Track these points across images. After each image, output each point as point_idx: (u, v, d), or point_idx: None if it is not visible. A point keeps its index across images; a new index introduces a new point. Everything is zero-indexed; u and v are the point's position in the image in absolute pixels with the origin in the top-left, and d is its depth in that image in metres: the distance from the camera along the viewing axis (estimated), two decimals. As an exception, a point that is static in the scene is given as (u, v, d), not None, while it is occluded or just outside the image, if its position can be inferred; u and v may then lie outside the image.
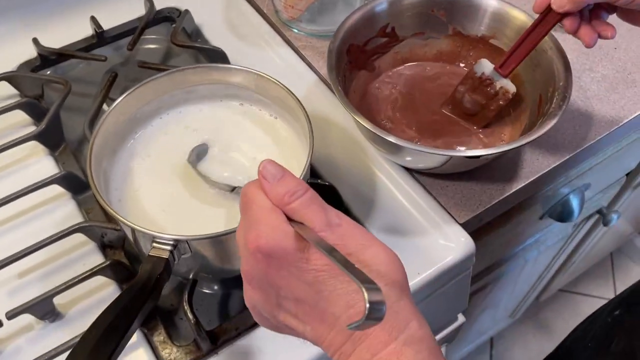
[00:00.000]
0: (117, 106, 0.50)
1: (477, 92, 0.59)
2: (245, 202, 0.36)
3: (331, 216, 0.35)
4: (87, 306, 0.53)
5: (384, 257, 0.34)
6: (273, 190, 0.35)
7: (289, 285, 0.34)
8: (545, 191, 0.73)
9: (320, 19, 0.72)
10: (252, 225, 0.35)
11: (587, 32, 0.51)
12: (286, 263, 0.34)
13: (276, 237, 0.33)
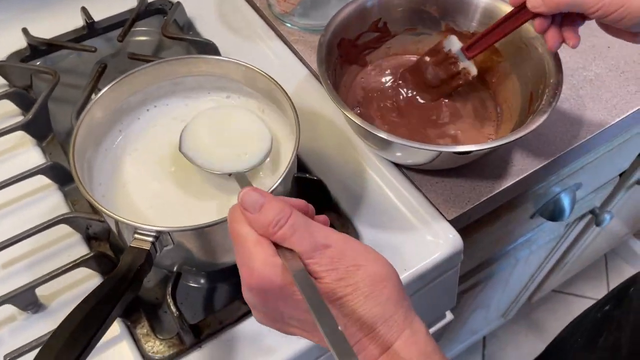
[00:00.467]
0: (101, 97, 0.49)
1: (440, 66, 0.60)
2: (232, 235, 0.37)
3: (318, 238, 0.34)
4: (71, 298, 0.52)
5: (377, 274, 0.34)
6: (256, 221, 0.35)
7: (290, 311, 0.35)
8: (535, 190, 0.72)
9: (313, 13, 0.71)
10: (243, 261, 0.35)
11: (553, 35, 0.51)
12: (281, 296, 0.34)
13: (266, 274, 0.34)
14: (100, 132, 0.51)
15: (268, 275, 0.34)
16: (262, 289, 0.34)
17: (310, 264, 0.34)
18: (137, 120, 0.54)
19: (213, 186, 0.50)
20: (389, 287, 0.34)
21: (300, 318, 0.35)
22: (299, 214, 0.35)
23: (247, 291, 0.36)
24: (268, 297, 0.35)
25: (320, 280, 0.34)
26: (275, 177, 0.51)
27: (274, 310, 0.36)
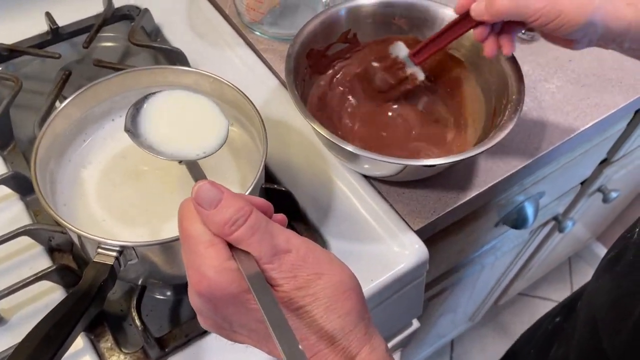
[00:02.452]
0: (64, 108, 0.48)
1: (388, 72, 0.61)
2: (182, 235, 0.33)
3: (279, 242, 0.32)
4: (32, 311, 0.51)
5: (339, 284, 0.32)
6: (211, 219, 0.31)
7: (239, 319, 0.33)
8: (500, 199, 0.74)
9: (282, 22, 0.72)
10: (192, 264, 0.32)
11: (491, 44, 0.53)
12: (233, 304, 0.32)
13: (218, 281, 0.31)
14: (64, 143, 0.51)
15: (220, 282, 0.31)
16: (213, 296, 0.31)
17: (269, 269, 0.31)
18: (102, 129, 0.53)
19: (175, 196, 0.50)
20: (351, 298, 0.32)
21: (252, 327, 0.33)
22: (259, 214, 0.32)
23: (194, 296, 0.33)
24: (218, 304, 0.32)
25: (278, 288, 0.31)
26: (243, 188, 0.51)
27: (223, 318, 0.33)
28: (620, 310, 0.47)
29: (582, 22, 0.47)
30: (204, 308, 0.33)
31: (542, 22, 0.48)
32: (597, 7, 0.46)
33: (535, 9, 0.47)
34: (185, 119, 0.46)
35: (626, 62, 0.73)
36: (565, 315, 0.64)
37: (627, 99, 0.70)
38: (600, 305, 0.51)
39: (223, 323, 0.34)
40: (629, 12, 0.47)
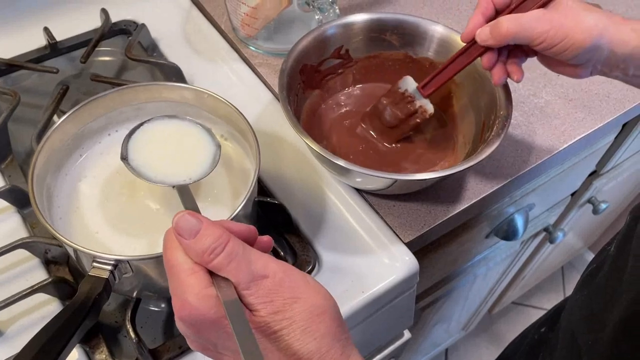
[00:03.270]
0: (61, 124, 0.50)
1: (397, 106, 0.62)
2: (166, 263, 0.35)
3: (257, 268, 0.33)
4: (28, 323, 0.52)
5: (312, 309, 0.33)
6: (191, 248, 0.33)
7: (223, 343, 0.34)
8: (490, 211, 0.75)
9: (277, 38, 0.73)
10: (175, 291, 0.33)
11: (499, 71, 0.53)
12: (213, 328, 0.33)
13: (199, 307, 0.32)
14: (60, 158, 0.52)
15: (200, 308, 0.32)
16: (195, 321, 0.33)
17: (246, 295, 0.33)
18: (98, 144, 0.54)
19: (170, 210, 0.51)
20: (326, 320, 0.33)
21: (234, 349, 0.34)
22: (237, 242, 0.34)
23: (179, 322, 0.34)
24: (200, 328, 0.33)
25: (255, 313, 0.33)
26: (236, 202, 0.52)
27: (207, 341, 0.35)
28: (596, 323, 0.48)
29: (587, 46, 0.47)
30: (188, 332, 0.35)
31: (547, 45, 0.48)
32: (602, 30, 0.47)
33: (540, 32, 0.48)
34: (176, 146, 0.49)
35: (613, 77, 0.75)
36: (550, 325, 0.65)
37: (615, 113, 0.72)
38: (578, 319, 0.52)
39: (208, 345, 0.35)
40: (633, 37, 0.47)
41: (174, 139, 0.49)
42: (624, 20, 0.48)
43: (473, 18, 0.53)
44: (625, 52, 0.48)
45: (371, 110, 0.64)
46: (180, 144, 0.49)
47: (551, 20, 0.48)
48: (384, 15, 0.64)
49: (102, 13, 0.73)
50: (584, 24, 0.47)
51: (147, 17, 0.76)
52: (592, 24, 0.47)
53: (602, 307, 0.48)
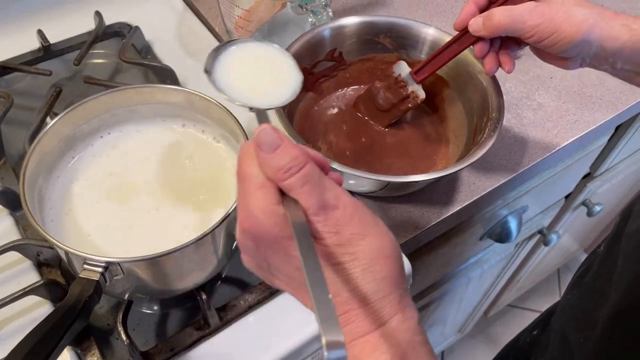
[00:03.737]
0: (53, 126, 0.50)
1: (390, 90, 0.63)
2: (239, 174, 0.34)
3: (328, 197, 0.32)
4: (20, 326, 0.52)
5: (381, 249, 0.32)
6: (267, 163, 0.32)
7: (278, 264, 0.34)
8: (483, 213, 0.75)
9: (271, 40, 0.73)
10: (242, 202, 0.33)
11: (491, 60, 0.54)
12: (274, 247, 0.33)
13: (264, 222, 0.32)
14: (53, 160, 0.51)
15: (265, 223, 0.32)
16: (256, 235, 0.32)
17: (314, 221, 0.31)
18: (91, 146, 0.54)
19: (162, 213, 0.51)
20: (389, 264, 0.32)
21: (289, 274, 0.33)
22: (314, 167, 0.32)
23: (240, 232, 0.34)
24: (260, 243, 0.33)
25: (320, 242, 0.32)
26: (229, 204, 0.52)
27: (263, 259, 0.34)
28: (586, 322, 0.48)
29: (577, 40, 0.48)
30: (247, 245, 0.34)
31: (538, 39, 0.49)
32: (592, 25, 0.48)
33: (531, 26, 0.48)
34: (261, 70, 0.47)
35: (606, 79, 0.75)
36: (542, 328, 0.65)
37: (607, 116, 0.72)
38: (569, 319, 0.53)
39: (263, 264, 0.35)
40: (623, 32, 0.48)
41: (260, 62, 0.47)
42: (614, 15, 0.49)
43: (466, 7, 0.53)
44: (614, 47, 0.49)
45: (365, 94, 0.65)
46: (265, 69, 0.47)
47: (542, 14, 0.48)
48: (377, 18, 0.65)
49: (96, 16, 0.73)
50: (574, 18, 0.48)
51: (141, 20, 0.76)
52: (583, 18, 0.48)
53: (592, 306, 0.48)
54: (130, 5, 0.79)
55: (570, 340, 0.50)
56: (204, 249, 0.47)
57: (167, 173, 0.53)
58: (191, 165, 0.54)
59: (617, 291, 0.43)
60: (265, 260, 0.34)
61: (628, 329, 0.42)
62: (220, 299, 0.54)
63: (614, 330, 0.43)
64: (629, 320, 0.42)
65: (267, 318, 0.53)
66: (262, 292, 0.54)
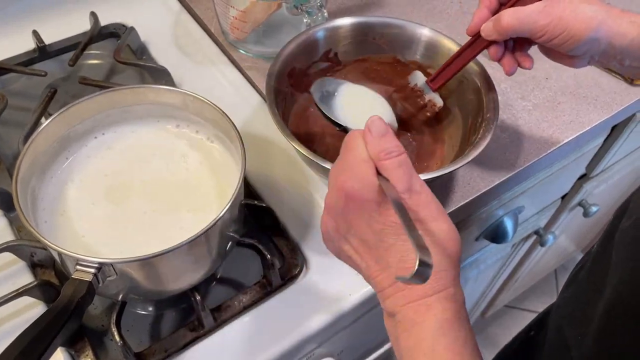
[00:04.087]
0: (46, 127, 0.49)
1: (408, 101, 0.63)
2: (347, 146, 0.40)
3: (415, 183, 0.38)
4: (13, 327, 0.52)
5: (447, 232, 0.38)
6: (373, 144, 0.39)
7: (359, 226, 0.39)
8: (479, 214, 0.75)
9: (267, 41, 0.73)
10: (346, 168, 0.39)
11: (509, 61, 0.55)
12: (362, 209, 0.38)
13: (361, 187, 0.38)
14: (46, 161, 0.51)
15: (362, 189, 0.38)
16: (351, 195, 0.38)
17: (401, 198, 0.37)
18: (85, 147, 0.54)
19: (156, 213, 0.51)
20: (451, 246, 0.38)
21: (364, 237, 0.39)
22: (408, 158, 0.39)
23: (334, 192, 0.39)
24: (350, 204, 0.38)
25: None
26: (222, 204, 0.51)
27: (344, 220, 0.39)
28: (583, 318, 0.48)
29: (586, 38, 0.48)
30: (337, 206, 0.39)
31: (547, 38, 0.50)
32: (601, 22, 0.48)
33: (541, 26, 0.49)
34: (361, 103, 0.61)
35: (602, 80, 0.76)
36: (539, 328, 0.65)
37: (603, 116, 0.72)
38: (565, 316, 0.53)
39: (341, 226, 0.40)
40: (632, 29, 0.48)
41: (359, 98, 0.61)
42: (622, 13, 0.49)
43: (478, 11, 0.54)
44: (622, 44, 0.49)
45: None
46: (363, 104, 0.61)
47: (550, 14, 0.49)
48: (372, 19, 0.65)
49: (91, 16, 0.73)
50: (582, 15, 0.48)
51: (137, 21, 0.76)
52: (591, 16, 0.48)
53: (587, 302, 0.48)
54: (126, 6, 0.79)
55: (567, 338, 0.50)
56: (198, 249, 0.47)
57: (161, 173, 0.53)
58: (185, 166, 0.54)
59: (612, 286, 0.44)
60: (347, 221, 0.39)
61: (624, 323, 0.42)
62: (214, 299, 0.54)
63: (610, 325, 0.43)
64: (625, 314, 0.42)
65: (261, 319, 0.53)
66: (257, 293, 0.54)
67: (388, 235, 0.38)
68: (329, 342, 0.60)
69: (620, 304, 0.43)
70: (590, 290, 0.49)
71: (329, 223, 0.41)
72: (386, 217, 0.38)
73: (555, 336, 0.54)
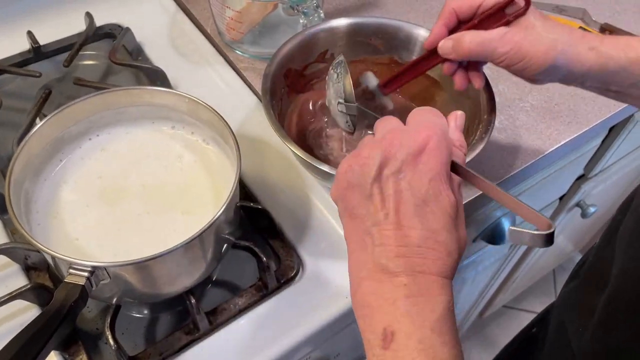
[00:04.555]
0: (40, 128, 0.49)
1: (358, 100, 0.62)
2: (437, 113, 0.41)
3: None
4: (6, 330, 0.51)
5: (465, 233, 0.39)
6: (455, 133, 0.42)
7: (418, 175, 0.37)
8: (476, 215, 0.75)
9: (263, 41, 0.73)
10: (436, 122, 0.40)
11: (461, 77, 0.55)
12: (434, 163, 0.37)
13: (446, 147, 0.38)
14: (40, 162, 0.51)
15: (446, 147, 0.38)
16: (431, 147, 0.37)
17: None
18: (79, 149, 0.54)
19: (150, 216, 0.50)
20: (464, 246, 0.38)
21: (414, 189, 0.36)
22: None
23: (416, 126, 0.39)
24: (424, 155, 0.37)
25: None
26: (218, 205, 0.51)
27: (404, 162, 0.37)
28: (584, 310, 0.48)
29: (545, 66, 0.49)
30: (409, 140, 0.38)
31: (507, 64, 0.50)
32: (559, 52, 0.48)
33: (500, 53, 0.49)
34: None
35: (599, 81, 0.75)
36: (540, 326, 0.65)
37: (600, 117, 0.72)
38: (567, 309, 0.53)
39: (393, 162, 0.37)
40: (590, 56, 0.48)
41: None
42: (582, 38, 0.49)
43: (435, 28, 0.53)
44: (582, 70, 0.49)
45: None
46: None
47: (511, 42, 0.49)
48: (368, 20, 0.64)
49: (86, 17, 0.73)
50: (542, 46, 0.48)
51: (132, 21, 0.75)
52: (550, 46, 0.48)
53: (589, 294, 0.48)
54: (121, 7, 0.78)
55: (568, 331, 0.50)
56: (193, 252, 0.46)
57: (156, 175, 0.53)
58: (180, 168, 0.54)
59: (613, 280, 0.44)
60: (406, 162, 0.37)
61: (624, 316, 0.42)
62: (210, 302, 0.54)
63: (610, 319, 0.43)
64: (625, 308, 0.42)
65: (257, 322, 0.53)
66: (253, 296, 0.54)
67: (442, 204, 0.36)
68: (325, 345, 0.59)
69: (621, 298, 0.43)
70: (591, 285, 0.49)
71: (375, 153, 0.37)
72: (450, 192, 0.37)
73: (556, 332, 0.55)
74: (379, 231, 0.36)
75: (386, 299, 0.35)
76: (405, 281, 0.35)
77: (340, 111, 0.56)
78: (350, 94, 0.55)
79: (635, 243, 0.43)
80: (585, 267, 0.54)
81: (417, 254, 0.35)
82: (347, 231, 0.39)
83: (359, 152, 0.39)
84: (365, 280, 0.37)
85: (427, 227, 0.36)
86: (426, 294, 0.35)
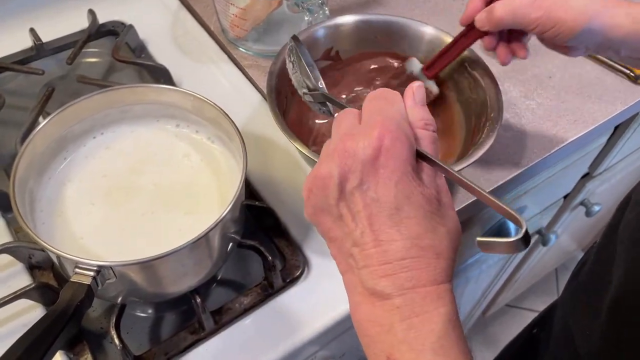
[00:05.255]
0: (44, 127, 0.49)
1: (404, 87, 0.61)
2: (385, 97, 0.37)
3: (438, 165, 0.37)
4: (11, 330, 0.51)
5: (457, 223, 0.36)
6: (415, 109, 0.37)
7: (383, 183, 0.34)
8: (481, 214, 0.75)
9: (267, 39, 0.72)
10: (386, 115, 0.35)
11: (503, 51, 0.55)
12: (395, 165, 0.34)
13: (404, 141, 0.34)
14: (44, 161, 0.51)
15: (403, 142, 0.34)
16: (387, 147, 0.33)
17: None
18: (83, 147, 0.53)
19: (155, 215, 0.50)
20: (458, 240, 0.36)
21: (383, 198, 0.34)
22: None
23: (365, 132, 0.34)
24: (381, 158, 0.33)
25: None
26: (224, 204, 0.51)
27: (363, 172, 0.34)
28: (589, 310, 0.48)
29: (578, 31, 0.49)
30: (362, 150, 0.34)
31: (540, 30, 0.50)
32: (593, 16, 0.48)
33: (533, 19, 0.49)
34: None
35: (606, 79, 0.75)
36: (542, 326, 0.65)
37: (607, 115, 0.71)
38: (571, 310, 0.52)
39: (353, 176, 0.34)
40: (627, 21, 0.48)
41: None
42: (618, 4, 0.49)
43: (471, 3, 0.54)
44: (618, 36, 0.49)
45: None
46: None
47: (541, 7, 0.49)
48: (374, 17, 0.64)
49: (89, 14, 0.73)
50: (573, 10, 0.48)
51: (135, 18, 0.75)
52: (581, 10, 0.48)
53: (593, 294, 0.48)
54: (124, 4, 0.78)
55: (573, 331, 0.50)
56: (199, 252, 0.46)
57: (161, 174, 0.53)
58: (185, 166, 0.53)
59: (618, 278, 0.43)
60: (366, 173, 0.34)
61: (631, 313, 0.42)
62: (215, 302, 0.54)
63: (618, 317, 0.43)
64: (633, 306, 0.42)
65: (263, 321, 0.53)
66: (258, 295, 0.53)
67: (416, 204, 0.33)
68: (331, 344, 0.59)
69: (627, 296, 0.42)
70: (595, 283, 0.49)
71: (332, 169, 0.34)
72: (423, 187, 0.34)
73: (561, 332, 0.54)
74: (360, 252, 0.34)
75: (382, 325, 0.33)
76: (397, 303, 0.33)
77: (310, 101, 0.51)
78: (311, 81, 0.50)
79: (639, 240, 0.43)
80: (586, 268, 0.53)
81: (402, 268, 0.33)
82: (332, 253, 0.37)
83: (316, 171, 0.36)
84: (361, 305, 0.35)
85: (406, 235, 0.33)
86: (421, 313, 0.32)
